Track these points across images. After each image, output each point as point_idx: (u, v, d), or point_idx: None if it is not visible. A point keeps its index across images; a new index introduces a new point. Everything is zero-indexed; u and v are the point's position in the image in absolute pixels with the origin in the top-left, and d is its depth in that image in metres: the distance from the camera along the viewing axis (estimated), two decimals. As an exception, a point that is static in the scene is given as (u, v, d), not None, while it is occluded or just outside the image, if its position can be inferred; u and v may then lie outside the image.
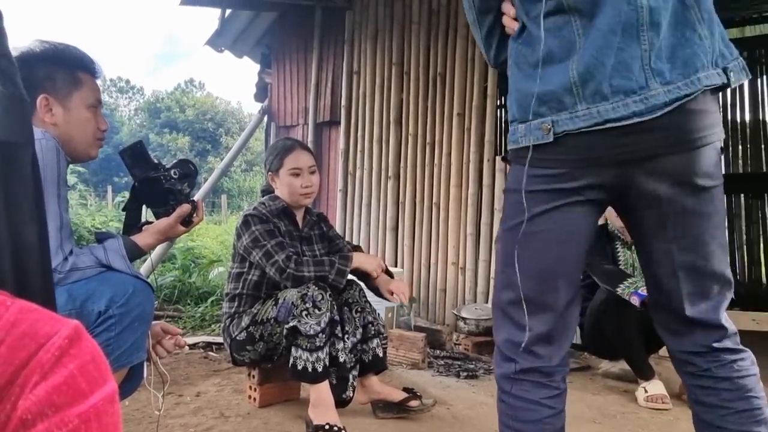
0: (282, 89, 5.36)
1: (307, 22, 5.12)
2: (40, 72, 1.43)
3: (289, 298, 2.10)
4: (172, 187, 1.61)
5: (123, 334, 1.36)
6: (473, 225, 4.09)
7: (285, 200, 2.34)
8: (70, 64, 1.48)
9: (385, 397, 2.24)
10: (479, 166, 4.09)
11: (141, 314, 1.41)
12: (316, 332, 2.03)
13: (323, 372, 2.04)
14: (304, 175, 2.30)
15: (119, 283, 1.40)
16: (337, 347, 2.13)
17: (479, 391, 2.69)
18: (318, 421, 1.98)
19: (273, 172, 2.35)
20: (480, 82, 4.11)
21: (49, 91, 1.44)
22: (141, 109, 34.35)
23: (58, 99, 1.46)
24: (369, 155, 4.66)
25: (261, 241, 2.18)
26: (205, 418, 2.18)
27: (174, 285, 4.83)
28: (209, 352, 3.27)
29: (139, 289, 1.42)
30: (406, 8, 4.53)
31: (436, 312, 4.21)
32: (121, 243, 1.48)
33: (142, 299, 1.42)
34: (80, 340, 0.47)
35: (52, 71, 1.45)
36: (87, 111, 1.51)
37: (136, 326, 1.40)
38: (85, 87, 1.50)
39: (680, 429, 2.26)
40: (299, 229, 2.38)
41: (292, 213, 2.36)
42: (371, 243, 4.59)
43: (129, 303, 1.38)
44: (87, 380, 0.45)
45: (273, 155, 2.35)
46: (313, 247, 2.41)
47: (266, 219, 2.25)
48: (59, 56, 1.47)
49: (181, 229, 1.63)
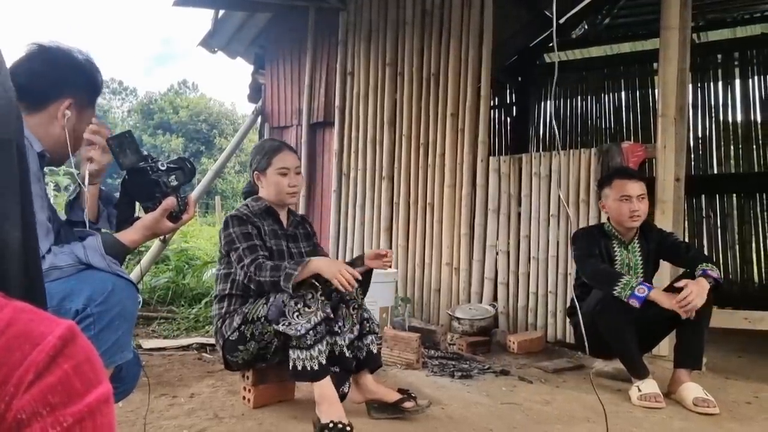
0: (276, 90, 5.36)
1: (300, 22, 5.12)
2: (78, 79, 1.51)
3: (279, 296, 2.11)
4: (158, 179, 1.55)
5: (102, 333, 1.33)
6: (467, 225, 4.10)
7: (270, 200, 2.37)
8: (97, 86, 1.58)
9: (380, 397, 2.25)
10: (473, 167, 4.10)
11: (121, 312, 1.37)
12: (306, 330, 2.04)
13: (321, 369, 2.06)
14: (290, 175, 2.36)
15: (98, 281, 1.36)
16: (338, 343, 2.16)
17: (473, 390, 2.70)
18: (324, 419, 1.99)
19: (260, 171, 2.38)
20: (473, 83, 4.12)
21: (75, 98, 1.50)
22: (134, 111, 34.17)
23: (77, 108, 1.51)
24: (363, 156, 4.66)
25: (235, 244, 2.23)
26: (199, 420, 2.17)
27: (168, 286, 4.82)
28: (203, 354, 3.27)
29: (120, 287, 1.38)
30: (399, 9, 4.54)
31: (430, 312, 4.22)
32: (99, 241, 1.44)
33: (123, 297, 1.38)
34: (75, 340, 0.47)
35: (87, 84, 1.54)
36: (86, 129, 1.56)
37: (117, 325, 1.36)
38: (93, 110, 1.60)
39: (673, 427, 2.27)
40: (284, 228, 2.42)
41: (276, 212, 2.40)
42: (365, 243, 4.59)
43: (108, 301, 1.35)
44: (81, 380, 0.46)
45: (260, 155, 2.39)
46: (299, 244, 2.44)
47: (246, 219, 2.28)
48: (94, 75, 1.56)
49: (167, 225, 1.56)
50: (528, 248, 3.88)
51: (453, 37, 4.22)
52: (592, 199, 3.59)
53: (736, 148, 6.39)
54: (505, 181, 4.00)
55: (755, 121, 6.30)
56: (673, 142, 3.35)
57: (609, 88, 7.01)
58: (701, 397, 2.48)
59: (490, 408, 2.43)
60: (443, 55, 4.28)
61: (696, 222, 6.42)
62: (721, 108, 6.45)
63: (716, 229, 6.36)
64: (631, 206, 2.78)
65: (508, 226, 3.98)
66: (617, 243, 2.89)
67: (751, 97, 6.32)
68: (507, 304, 3.94)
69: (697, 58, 6.07)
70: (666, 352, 3.16)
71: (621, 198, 2.80)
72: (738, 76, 6.40)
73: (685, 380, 2.59)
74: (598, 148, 3.64)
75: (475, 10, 4.12)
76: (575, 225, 3.57)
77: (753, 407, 2.57)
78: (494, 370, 3.08)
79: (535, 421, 2.29)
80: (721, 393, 2.73)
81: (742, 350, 3.79)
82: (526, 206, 3.91)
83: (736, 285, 6.19)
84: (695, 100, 6.48)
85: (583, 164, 3.67)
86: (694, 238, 6.32)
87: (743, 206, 6.27)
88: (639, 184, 2.82)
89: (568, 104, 7.24)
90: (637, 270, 2.87)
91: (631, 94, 6.87)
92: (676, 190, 3.35)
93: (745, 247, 6.23)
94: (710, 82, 6.51)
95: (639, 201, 2.79)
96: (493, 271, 4.01)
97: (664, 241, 2.87)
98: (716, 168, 6.49)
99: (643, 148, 3.53)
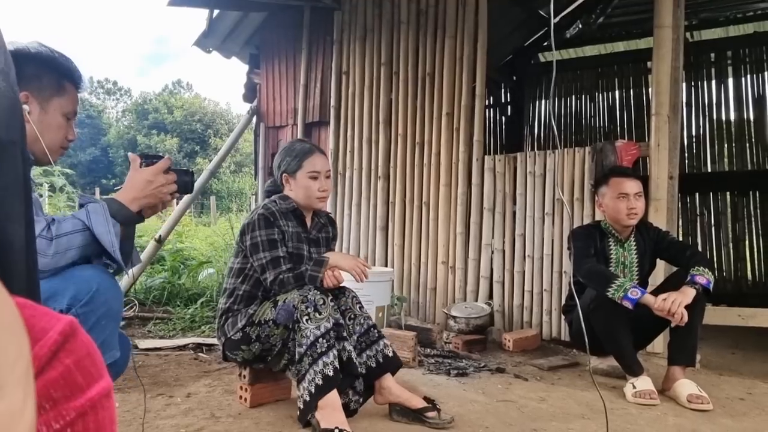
0: (271, 90, 5.35)
1: (295, 22, 5.12)
2: (29, 70, 1.45)
3: (290, 301, 2.09)
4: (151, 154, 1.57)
5: (90, 333, 1.31)
6: (463, 224, 4.11)
7: (298, 202, 2.32)
8: (59, 71, 1.52)
9: (404, 401, 2.18)
10: (468, 166, 4.11)
11: (108, 312, 1.35)
12: (316, 337, 2.02)
13: (335, 374, 2.01)
14: (321, 178, 2.30)
15: (82, 281, 1.34)
16: (347, 348, 2.13)
17: (470, 389, 2.71)
18: (325, 424, 1.93)
19: (289, 174, 2.31)
20: (468, 82, 4.13)
21: (32, 89, 1.46)
22: (129, 111, 34.06)
23: (38, 99, 1.48)
24: (359, 155, 4.67)
25: (258, 252, 2.19)
26: (196, 419, 2.18)
27: (163, 287, 4.81)
28: (199, 353, 3.27)
29: (105, 287, 1.36)
30: (394, 8, 4.54)
31: (426, 311, 4.23)
32: (104, 205, 1.41)
33: (109, 297, 1.36)
34: (75, 336, 0.47)
35: (41, 72, 1.48)
36: (62, 118, 1.53)
37: (104, 324, 1.34)
38: (67, 96, 1.54)
39: (668, 424, 2.29)
40: (307, 231, 2.36)
41: (302, 215, 2.34)
42: (361, 243, 4.59)
43: (94, 301, 1.32)
44: (83, 374, 0.46)
45: (290, 156, 2.32)
46: (320, 249, 2.39)
47: (273, 221, 2.23)
48: (52, 62, 1.51)
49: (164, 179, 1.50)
50: (523, 247, 3.89)
51: (448, 37, 4.23)
52: (587, 198, 3.61)
53: (730, 146, 6.43)
54: (500, 180, 4.01)
55: (748, 119, 6.33)
56: (666, 140, 3.37)
57: (603, 87, 7.04)
58: (695, 393, 2.49)
59: (486, 406, 2.45)
60: (438, 54, 4.29)
61: (690, 220, 6.45)
62: (714, 106, 6.48)
63: (710, 227, 6.39)
64: (628, 204, 2.80)
65: (504, 224, 4.00)
66: (613, 241, 2.91)
67: (744, 95, 6.35)
68: (502, 302, 3.96)
69: (690, 57, 6.11)
70: (660, 349, 3.18)
71: (618, 196, 2.82)
72: (731, 74, 6.44)
73: (679, 377, 2.61)
74: (592, 147, 3.65)
75: (470, 9, 4.13)
76: (569, 223, 3.59)
77: (746, 403, 2.59)
78: (490, 368, 3.09)
79: (531, 418, 2.31)
80: (715, 389, 2.75)
81: (736, 347, 3.82)
82: (521, 205, 3.92)
83: (730, 282, 6.23)
84: (689, 98, 6.52)
85: (577, 163, 3.69)
86: (688, 236, 6.36)
87: (737, 204, 6.31)
88: (636, 182, 2.84)
89: (563, 103, 7.27)
90: (633, 268, 2.89)
91: (624, 93, 6.90)
92: (670, 189, 3.37)
93: (739, 244, 6.27)
94: (703, 80, 6.54)
95: (636, 199, 2.80)
96: (489, 269, 4.03)
97: (661, 240, 2.89)
98: (710, 166, 6.52)
99: (637, 147, 3.55)
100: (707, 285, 2.54)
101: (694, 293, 2.50)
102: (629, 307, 2.53)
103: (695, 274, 2.56)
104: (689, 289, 2.51)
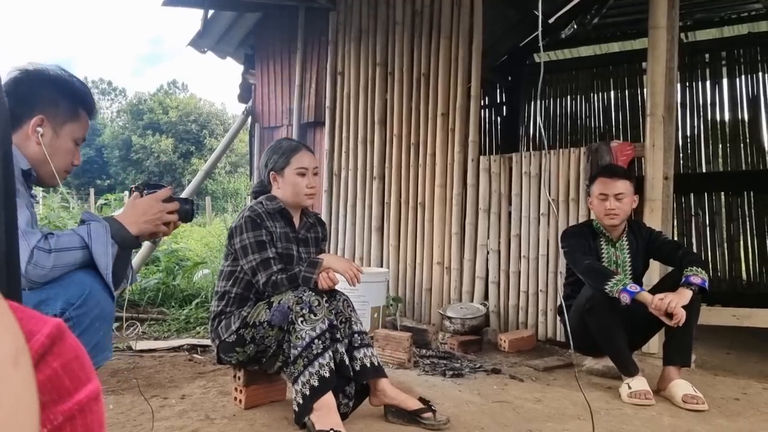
0: (266, 90, 5.35)
1: (290, 22, 5.11)
2: (47, 93, 1.50)
3: (284, 302, 2.08)
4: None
5: (83, 336, 1.32)
6: (458, 225, 4.11)
7: (286, 200, 2.31)
8: (75, 98, 1.56)
9: (399, 403, 2.18)
10: (464, 166, 4.11)
11: (100, 314, 1.37)
12: (311, 338, 2.01)
13: (330, 377, 2.00)
14: (309, 175, 2.30)
15: (75, 284, 1.35)
16: (339, 350, 2.12)
17: (465, 389, 2.70)
18: (320, 426, 1.93)
19: (276, 171, 2.31)
20: (464, 83, 4.13)
21: (47, 114, 1.49)
22: (123, 111, 33.93)
23: (52, 123, 1.51)
24: (354, 156, 4.66)
25: (248, 254, 2.19)
26: (191, 421, 2.17)
27: (158, 287, 4.79)
28: (194, 355, 3.26)
29: (96, 289, 1.37)
30: (389, 9, 4.54)
31: (421, 311, 4.23)
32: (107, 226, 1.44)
33: (101, 299, 1.37)
34: (63, 339, 0.47)
35: (58, 98, 1.52)
36: (72, 143, 1.57)
37: (97, 326, 1.36)
38: (80, 122, 1.58)
39: (663, 424, 2.29)
40: (296, 231, 2.35)
41: (289, 214, 2.33)
42: (357, 243, 4.59)
43: (86, 304, 1.34)
44: (71, 378, 0.45)
45: (278, 154, 2.32)
46: (309, 249, 2.38)
47: (260, 223, 2.22)
48: (69, 87, 1.55)
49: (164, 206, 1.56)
50: (518, 247, 3.89)
51: (443, 37, 4.23)
52: (582, 198, 3.61)
53: (724, 146, 6.45)
54: (495, 181, 4.01)
55: (743, 119, 6.36)
56: (661, 140, 3.38)
57: (598, 88, 7.06)
58: (690, 393, 2.50)
59: (482, 406, 2.44)
60: (433, 55, 4.29)
61: (685, 220, 6.47)
62: (709, 107, 6.50)
63: (705, 227, 6.41)
64: (606, 204, 2.81)
65: (499, 225, 4.00)
66: (605, 240, 2.91)
67: (739, 96, 6.38)
68: (498, 302, 3.95)
69: (685, 58, 6.13)
70: (655, 349, 3.18)
71: (599, 196, 2.84)
72: (725, 75, 6.46)
73: (674, 377, 2.61)
74: (588, 147, 3.66)
75: (465, 10, 4.14)
76: (564, 224, 3.59)
77: (741, 403, 2.60)
78: (485, 368, 3.09)
79: (526, 419, 2.30)
80: (710, 389, 2.75)
81: (731, 347, 3.83)
82: (516, 205, 3.92)
83: (725, 282, 6.24)
84: (683, 99, 6.54)
85: (572, 163, 3.69)
86: (683, 237, 6.37)
87: (731, 204, 6.32)
88: (621, 182, 2.82)
89: (558, 103, 7.28)
90: (626, 267, 2.89)
91: (620, 94, 6.91)
92: (665, 189, 3.37)
93: (733, 244, 6.28)
94: (698, 81, 6.56)
95: (615, 199, 2.80)
96: (484, 270, 4.03)
97: (654, 240, 2.89)
98: (705, 166, 6.54)
99: (632, 147, 3.55)
100: (702, 284, 2.54)
101: (691, 294, 2.51)
102: (627, 300, 2.52)
103: (690, 275, 2.56)
104: (686, 291, 2.52)
